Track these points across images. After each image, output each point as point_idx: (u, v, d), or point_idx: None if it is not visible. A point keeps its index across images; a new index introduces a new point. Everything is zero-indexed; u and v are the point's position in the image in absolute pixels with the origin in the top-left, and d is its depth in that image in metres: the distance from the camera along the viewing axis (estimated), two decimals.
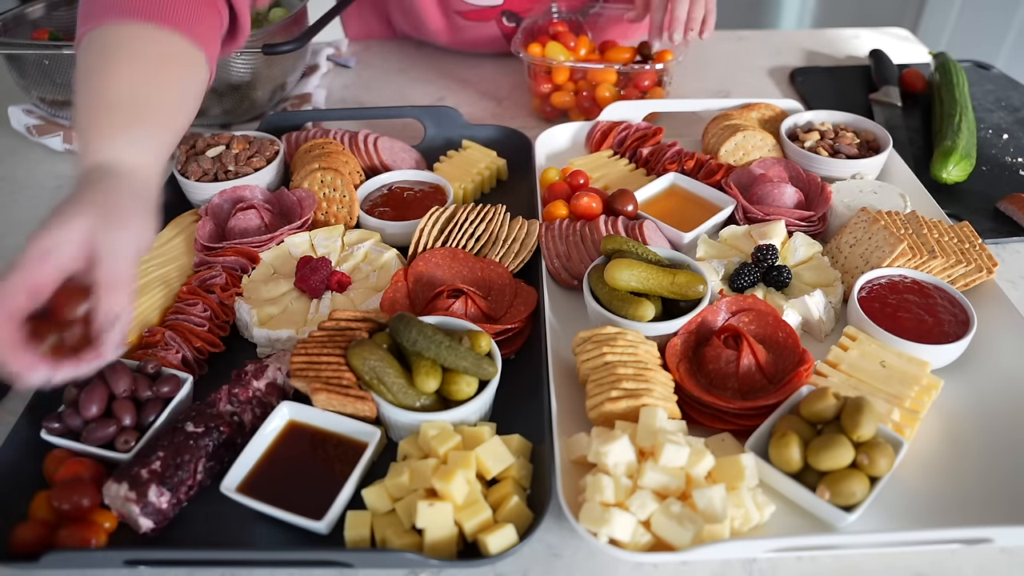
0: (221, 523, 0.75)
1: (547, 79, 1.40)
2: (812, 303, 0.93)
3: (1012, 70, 1.67)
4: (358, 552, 0.71)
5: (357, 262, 1.02)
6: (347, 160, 1.16)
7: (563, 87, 1.41)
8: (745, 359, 0.84)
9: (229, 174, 1.14)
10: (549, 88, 1.41)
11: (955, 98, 1.38)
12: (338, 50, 1.73)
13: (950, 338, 0.88)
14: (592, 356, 0.83)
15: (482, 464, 0.74)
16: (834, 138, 1.23)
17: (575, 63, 1.38)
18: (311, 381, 0.79)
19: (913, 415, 0.80)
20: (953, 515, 0.74)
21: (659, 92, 1.41)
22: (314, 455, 0.78)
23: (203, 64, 0.93)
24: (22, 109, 1.39)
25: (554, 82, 1.41)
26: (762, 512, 0.72)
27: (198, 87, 0.93)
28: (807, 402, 0.77)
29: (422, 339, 0.79)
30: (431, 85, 1.62)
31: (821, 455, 0.72)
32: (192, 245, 1.05)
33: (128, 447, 0.76)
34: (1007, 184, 1.25)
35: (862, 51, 1.75)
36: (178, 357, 0.88)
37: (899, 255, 0.96)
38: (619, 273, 0.88)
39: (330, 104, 1.55)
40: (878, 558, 0.72)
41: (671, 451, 0.72)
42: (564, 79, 1.40)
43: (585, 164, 1.24)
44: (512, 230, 1.04)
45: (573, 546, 0.74)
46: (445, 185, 1.16)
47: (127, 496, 0.70)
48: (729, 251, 1.02)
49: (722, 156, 1.21)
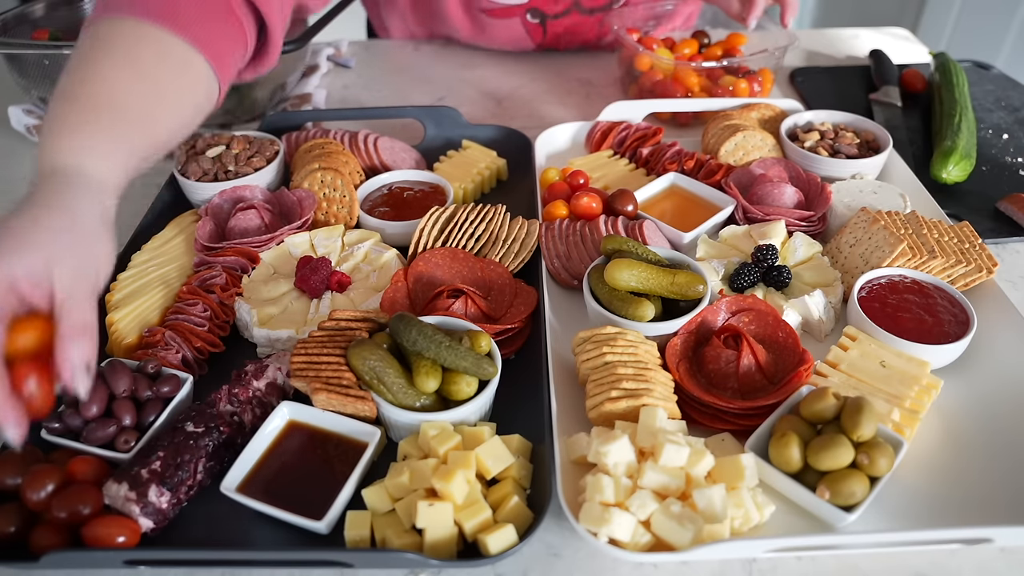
0: (221, 523, 0.75)
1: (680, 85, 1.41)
2: (812, 303, 0.93)
3: (1012, 70, 1.67)
4: (358, 552, 0.71)
5: (357, 262, 1.02)
6: (347, 160, 1.16)
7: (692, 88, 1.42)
8: (745, 359, 0.84)
9: (229, 174, 1.14)
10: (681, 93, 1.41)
11: (955, 98, 1.38)
12: (338, 50, 1.73)
13: (950, 338, 0.88)
14: (592, 356, 0.83)
15: (482, 464, 0.74)
16: (834, 138, 1.23)
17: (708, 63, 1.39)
18: (311, 381, 0.79)
19: (913, 415, 0.80)
20: (953, 515, 0.74)
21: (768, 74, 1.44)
22: (314, 455, 0.78)
23: (208, 78, 0.88)
24: (22, 109, 1.39)
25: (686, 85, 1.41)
26: (762, 512, 0.72)
27: (199, 100, 0.88)
28: (807, 402, 0.77)
29: (422, 339, 0.79)
30: (431, 85, 1.62)
31: (821, 455, 0.72)
32: (192, 245, 1.05)
33: (128, 447, 0.76)
34: (1007, 184, 1.25)
35: (862, 51, 1.75)
36: (178, 357, 0.88)
37: (899, 255, 0.96)
38: (619, 273, 0.88)
39: (330, 104, 1.55)
40: (878, 558, 0.72)
41: (671, 451, 0.72)
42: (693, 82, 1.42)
43: (585, 164, 1.24)
44: (512, 230, 1.04)
45: (573, 546, 0.74)
46: (445, 185, 1.16)
47: (127, 496, 0.70)
48: (729, 251, 1.02)
49: (722, 156, 1.21)
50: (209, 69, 0.87)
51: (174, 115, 0.85)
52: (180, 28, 0.83)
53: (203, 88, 0.88)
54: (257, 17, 0.95)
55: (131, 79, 0.80)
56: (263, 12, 0.94)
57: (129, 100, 0.80)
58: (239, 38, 0.92)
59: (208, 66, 0.87)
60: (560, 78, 1.64)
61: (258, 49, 1.00)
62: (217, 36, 0.88)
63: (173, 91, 0.85)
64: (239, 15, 0.91)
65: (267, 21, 0.95)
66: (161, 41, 0.83)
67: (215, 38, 0.88)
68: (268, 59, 1.02)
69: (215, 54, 0.87)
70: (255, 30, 0.96)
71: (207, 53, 0.86)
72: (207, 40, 0.86)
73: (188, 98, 0.87)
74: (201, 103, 0.89)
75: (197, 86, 0.87)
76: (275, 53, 1.01)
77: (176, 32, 0.83)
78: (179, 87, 0.85)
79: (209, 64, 0.87)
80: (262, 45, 1.00)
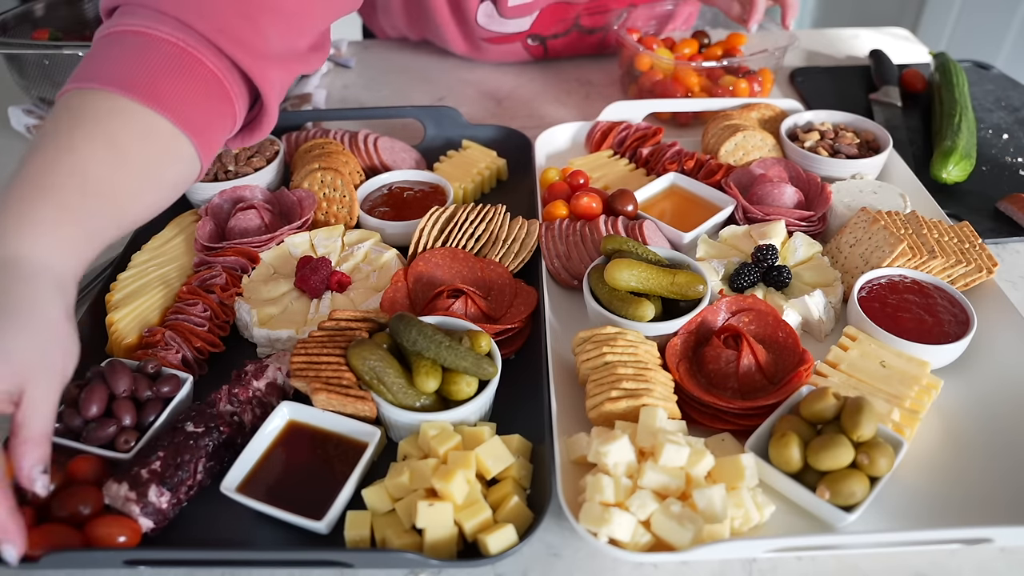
0: (221, 523, 0.75)
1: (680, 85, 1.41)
2: (812, 303, 0.93)
3: (1012, 70, 1.67)
4: (358, 552, 0.71)
5: (357, 262, 1.02)
6: (347, 160, 1.16)
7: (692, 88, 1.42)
8: (745, 359, 0.84)
9: (229, 174, 1.14)
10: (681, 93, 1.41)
11: (955, 98, 1.38)
12: (338, 50, 1.73)
13: (950, 338, 0.88)
14: (592, 356, 0.83)
15: (482, 464, 0.74)
16: (834, 138, 1.23)
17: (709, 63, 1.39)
18: (311, 381, 0.79)
19: (913, 415, 0.80)
20: (953, 515, 0.74)
21: (768, 74, 1.45)
22: (314, 455, 0.78)
23: (189, 155, 0.83)
24: (22, 109, 1.39)
25: (686, 85, 1.41)
26: (762, 512, 0.72)
27: (176, 180, 0.83)
28: (807, 402, 0.77)
29: (422, 339, 0.79)
30: (431, 85, 1.62)
31: (821, 455, 0.72)
32: (192, 245, 1.05)
33: (128, 447, 0.76)
34: (1007, 184, 1.25)
35: (862, 51, 1.75)
36: (178, 357, 0.88)
37: (899, 255, 0.96)
38: (619, 273, 0.88)
39: (330, 104, 1.55)
40: (878, 558, 0.72)
41: (671, 451, 0.72)
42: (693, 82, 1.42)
43: (585, 164, 1.24)
44: (512, 230, 1.04)
45: (573, 546, 0.74)
46: (445, 185, 1.16)
47: (127, 496, 0.70)
48: (729, 251, 1.02)
49: (722, 156, 1.21)
50: (192, 148, 0.82)
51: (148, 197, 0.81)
52: (163, 106, 0.78)
53: (183, 169, 0.84)
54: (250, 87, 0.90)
55: (107, 160, 0.76)
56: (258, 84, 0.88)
57: (102, 183, 0.75)
58: (227, 112, 0.86)
59: (191, 145, 0.82)
60: (560, 78, 1.64)
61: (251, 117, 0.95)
62: (201, 113, 0.82)
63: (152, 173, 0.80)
64: (227, 87, 0.85)
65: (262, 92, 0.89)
66: (142, 120, 0.78)
67: (199, 116, 0.82)
68: (261, 131, 0.96)
69: (199, 133, 0.82)
70: (247, 101, 0.90)
71: (191, 132, 0.81)
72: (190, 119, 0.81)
73: (167, 179, 0.82)
74: (180, 183, 0.85)
75: (177, 168, 0.83)
76: (269, 126, 0.96)
77: (158, 110, 0.78)
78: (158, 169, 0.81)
79: (192, 143, 0.82)
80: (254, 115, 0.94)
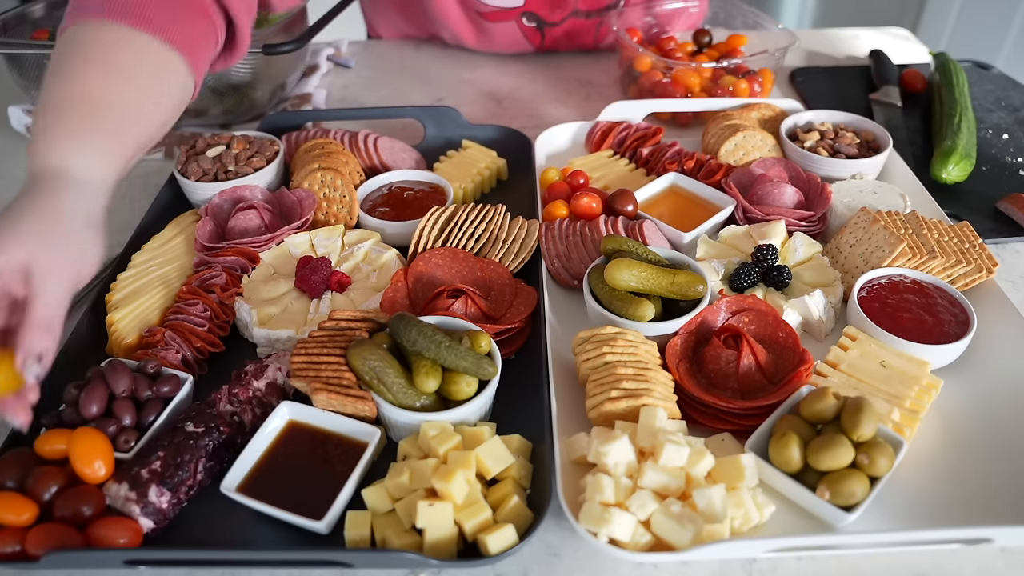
0: (221, 523, 0.75)
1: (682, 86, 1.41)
2: (812, 303, 0.93)
3: (1012, 70, 1.67)
4: (358, 552, 0.71)
5: (357, 262, 1.02)
6: (347, 160, 1.16)
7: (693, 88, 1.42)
8: (745, 359, 0.84)
9: (229, 174, 1.14)
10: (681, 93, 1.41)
11: (955, 98, 1.38)
12: (338, 50, 1.73)
13: (950, 338, 0.88)
14: (592, 356, 0.83)
15: (482, 464, 0.74)
16: (834, 138, 1.23)
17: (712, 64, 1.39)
18: (311, 381, 0.79)
19: (913, 415, 0.80)
20: (953, 515, 0.74)
21: (768, 74, 1.45)
22: (314, 455, 0.78)
23: (183, 71, 0.91)
24: (22, 109, 1.39)
25: (686, 85, 1.41)
26: (762, 512, 0.72)
27: (175, 94, 0.91)
28: (807, 402, 0.77)
29: (422, 339, 0.79)
30: (431, 85, 1.62)
31: (821, 455, 0.72)
32: (192, 245, 1.05)
33: (128, 447, 0.76)
34: (1007, 184, 1.25)
35: (862, 51, 1.75)
36: (178, 357, 0.88)
37: (899, 255, 0.96)
38: (619, 273, 0.88)
39: (330, 104, 1.55)
40: (878, 558, 0.72)
41: (671, 451, 0.72)
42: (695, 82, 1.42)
43: (585, 164, 1.24)
44: (512, 230, 1.04)
45: (573, 546, 0.74)
46: (445, 185, 1.16)
47: (127, 496, 0.70)
48: (729, 251, 1.02)
49: (722, 156, 1.21)
50: (184, 65, 0.90)
51: (155, 112, 0.88)
52: (153, 28, 0.86)
53: (180, 84, 0.91)
54: (225, 13, 0.99)
55: (111, 81, 0.83)
56: (230, 10, 0.98)
57: (111, 101, 0.82)
58: (210, 33, 0.96)
59: (183, 62, 0.90)
60: (560, 78, 1.64)
61: (227, 42, 1.04)
62: (189, 33, 0.91)
63: (153, 89, 0.87)
64: (209, 12, 0.95)
65: (234, 17, 0.99)
66: (136, 42, 0.86)
67: (187, 35, 0.91)
68: (238, 52, 1.05)
69: (189, 51, 0.90)
70: (224, 25, 1.00)
71: (181, 50, 0.89)
72: (180, 38, 0.89)
73: (167, 95, 0.90)
74: (179, 99, 0.92)
75: (174, 82, 0.90)
76: (244, 46, 1.05)
77: (150, 32, 0.86)
78: (158, 85, 0.88)
79: (184, 60, 0.90)
80: (231, 39, 1.03)
